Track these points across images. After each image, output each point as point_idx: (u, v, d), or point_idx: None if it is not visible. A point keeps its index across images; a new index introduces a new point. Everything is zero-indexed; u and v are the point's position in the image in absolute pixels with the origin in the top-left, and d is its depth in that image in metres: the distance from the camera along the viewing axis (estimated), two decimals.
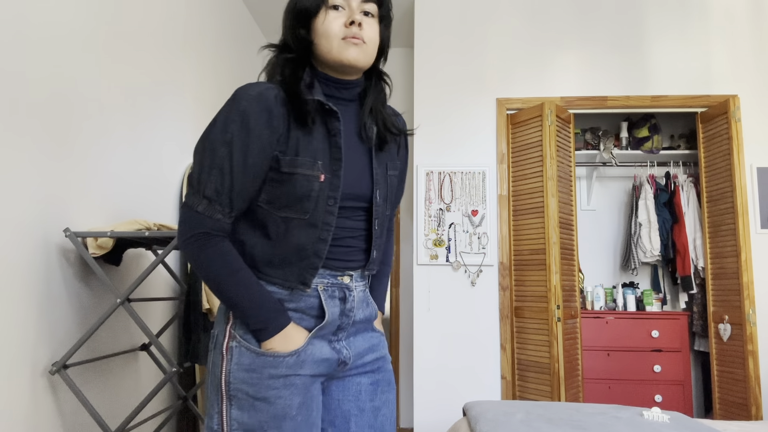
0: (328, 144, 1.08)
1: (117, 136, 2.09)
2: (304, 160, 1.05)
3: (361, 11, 1.09)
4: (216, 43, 3.14)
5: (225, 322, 1.07)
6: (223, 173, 1.01)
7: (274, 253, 1.06)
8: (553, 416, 1.93)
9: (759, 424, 2.10)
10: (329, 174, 1.07)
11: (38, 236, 1.65)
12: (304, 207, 1.05)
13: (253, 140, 1.02)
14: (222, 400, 1.05)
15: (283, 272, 1.06)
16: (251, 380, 1.03)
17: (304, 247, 1.06)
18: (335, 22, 1.07)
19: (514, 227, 3.32)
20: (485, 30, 3.51)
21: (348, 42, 1.07)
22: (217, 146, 1.02)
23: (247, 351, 1.04)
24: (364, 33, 1.08)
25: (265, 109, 1.02)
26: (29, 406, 1.61)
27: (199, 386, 2.40)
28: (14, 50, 1.56)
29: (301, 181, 1.04)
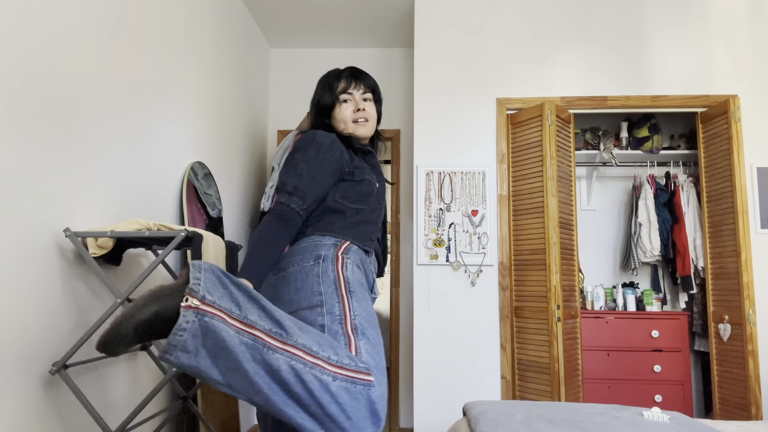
0: (370, 169, 1.74)
1: (117, 136, 2.09)
2: (366, 172, 1.69)
3: (362, 99, 1.75)
4: (216, 43, 3.14)
5: (334, 252, 1.52)
6: (301, 177, 1.55)
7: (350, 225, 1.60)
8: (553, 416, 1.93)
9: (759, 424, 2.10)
10: (377, 183, 1.72)
11: (38, 236, 1.65)
12: (370, 202, 1.67)
13: (323, 160, 1.59)
14: (342, 295, 1.44)
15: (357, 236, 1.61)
16: (359, 284, 1.50)
17: (368, 223, 1.65)
18: (347, 111, 1.74)
19: (514, 227, 3.32)
20: (485, 30, 3.51)
21: (357, 124, 1.74)
22: (299, 162, 1.58)
23: (353, 266, 1.53)
24: (367, 113, 1.74)
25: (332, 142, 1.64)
26: (29, 406, 1.61)
27: (199, 386, 2.40)
28: (14, 50, 1.56)
29: (368, 183, 1.68)
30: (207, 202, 2.92)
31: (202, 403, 2.59)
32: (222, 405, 2.86)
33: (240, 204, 3.57)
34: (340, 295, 1.42)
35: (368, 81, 1.77)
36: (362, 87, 1.74)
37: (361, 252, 1.60)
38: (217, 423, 2.73)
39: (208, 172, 2.95)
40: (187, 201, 2.67)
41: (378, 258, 1.78)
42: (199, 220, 2.82)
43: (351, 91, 1.73)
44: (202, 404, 2.59)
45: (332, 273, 1.46)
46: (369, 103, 1.74)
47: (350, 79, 1.74)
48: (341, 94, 1.73)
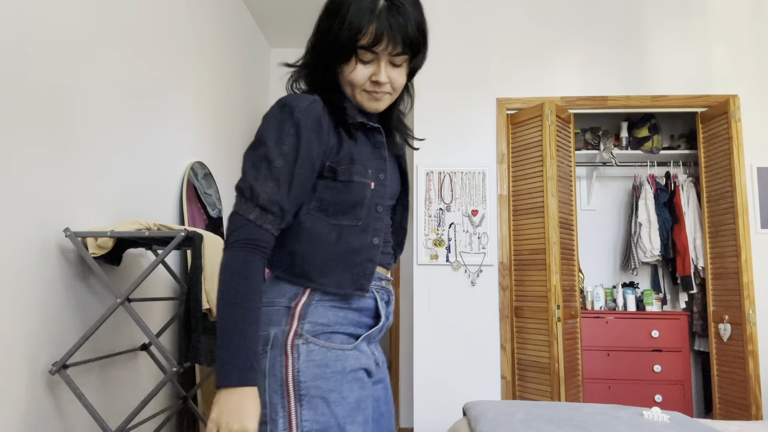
0: (372, 155, 1.13)
1: (117, 136, 2.09)
2: (358, 168, 1.08)
3: (391, 65, 1.09)
4: (217, 43, 3.14)
5: (287, 323, 1.04)
6: (279, 184, 1.02)
7: (328, 259, 1.06)
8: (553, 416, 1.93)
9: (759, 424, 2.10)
10: (377, 183, 1.11)
11: (38, 236, 1.65)
12: (358, 214, 1.08)
13: (306, 153, 1.04)
14: (289, 402, 1.01)
15: (335, 279, 1.06)
16: (325, 375, 1.02)
17: (358, 251, 1.08)
18: (362, 75, 1.08)
19: (514, 227, 3.32)
20: (485, 30, 3.51)
21: (373, 97, 1.11)
22: (275, 157, 1.02)
23: (317, 347, 1.03)
24: (388, 87, 1.10)
25: (316, 120, 1.05)
26: (29, 406, 1.61)
27: (199, 386, 2.40)
28: (15, 50, 1.56)
29: (357, 188, 1.08)
30: (207, 202, 2.92)
31: (202, 403, 2.59)
32: None
33: None
34: (286, 402, 1.01)
35: (409, 33, 1.06)
36: (399, 45, 1.06)
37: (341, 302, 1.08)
38: None
39: (208, 172, 2.95)
40: (187, 201, 2.67)
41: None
42: (199, 220, 2.82)
43: (377, 49, 1.05)
44: (202, 404, 2.59)
45: (279, 369, 1.02)
46: (398, 70, 1.10)
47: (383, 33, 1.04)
48: (363, 50, 1.05)
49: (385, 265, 1.18)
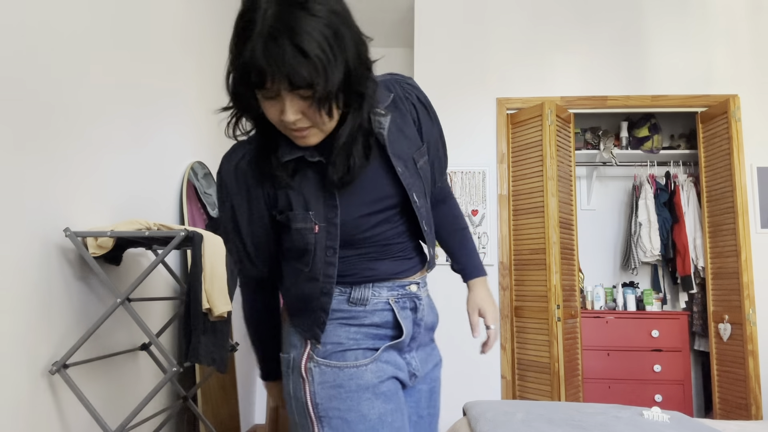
0: (320, 191, 1.00)
1: (117, 136, 2.09)
2: (295, 214, 1.00)
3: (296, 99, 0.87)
4: (217, 44, 3.14)
5: (302, 346, 1.06)
6: (235, 243, 1.08)
7: (292, 301, 1.10)
8: (553, 416, 1.93)
9: (759, 424, 2.10)
10: (324, 222, 1.00)
11: (38, 236, 1.65)
12: (305, 260, 1.03)
13: (242, 215, 1.05)
14: (312, 423, 1.03)
15: (300, 320, 1.08)
16: (340, 395, 1.01)
17: (310, 299, 1.05)
18: (273, 112, 0.90)
19: (514, 227, 3.32)
20: (485, 30, 3.51)
21: (295, 135, 0.93)
22: (224, 221, 1.08)
23: (328, 368, 1.03)
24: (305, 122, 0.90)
25: (243, 183, 1.03)
26: (29, 406, 1.61)
27: (199, 386, 2.40)
28: (15, 51, 1.56)
29: (296, 235, 1.01)
30: (207, 202, 2.92)
31: (202, 402, 2.59)
32: (222, 405, 2.86)
33: None
34: (310, 423, 1.04)
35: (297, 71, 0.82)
36: (285, 80, 0.83)
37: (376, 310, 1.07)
38: (217, 423, 2.73)
39: (208, 172, 2.95)
40: (187, 201, 2.67)
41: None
42: (199, 220, 2.82)
43: (269, 86, 0.86)
44: (202, 404, 2.59)
45: (300, 392, 1.05)
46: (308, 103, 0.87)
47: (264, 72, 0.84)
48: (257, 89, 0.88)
49: (401, 274, 1.10)
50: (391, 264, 1.08)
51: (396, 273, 1.09)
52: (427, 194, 1.13)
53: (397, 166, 1.04)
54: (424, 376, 1.17)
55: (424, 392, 1.16)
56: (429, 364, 1.17)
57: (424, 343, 1.16)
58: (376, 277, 1.06)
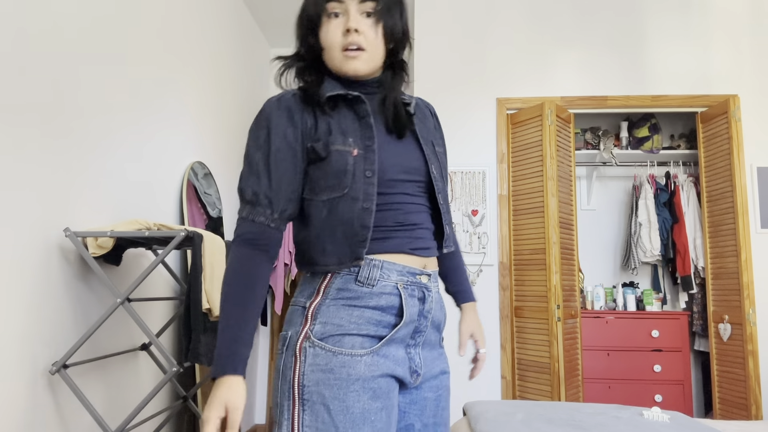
0: (358, 125, 1.10)
1: (117, 135, 2.09)
2: (336, 138, 1.07)
3: (361, 13, 1.08)
4: (217, 44, 3.14)
5: (301, 324, 1.05)
6: (259, 176, 1.05)
7: (324, 238, 1.06)
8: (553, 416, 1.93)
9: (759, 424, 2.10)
10: (362, 150, 1.07)
11: (38, 236, 1.65)
12: (343, 182, 1.05)
13: (280, 139, 1.06)
14: (294, 406, 1.00)
15: (336, 255, 1.05)
16: (328, 381, 0.99)
17: (350, 220, 1.04)
18: (335, 32, 1.09)
19: (514, 227, 3.32)
20: (485, 29, 3.51)
21: (347, 56, 1.08)
22: (252, 153, 1.07)
23: (323, 351, 1.00)
24: (362, 39, 1.08)
25: (285, 108, 1.08)
26: (29, 406, 1.61)
27: (199, 386, 2.40)
28: (15, 51, 1.56)
29: (336, 156, 1.06)
30: (207, 202, 2.92)
31: (202, 402, 2.59)
32: None
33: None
34: (292, 405, 1.01)
35: None
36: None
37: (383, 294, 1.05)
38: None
39: (208, 172, 2.95)
40: (187, 201, 2.67)
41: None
42: (199, 220, 2.82)
43: None
44: (202, 404, 2.59)
45: (289, 372, 1.02)
46: (369, 21, 1.09)
47: None
48: (328, 2, 1.09)
49: (417, 252, 1.10)
50: (405, 238, 1.09)
51: (411, 249, 1.09)
52: (444, 178, 1.20)
53: (423, 143, 1.16)
54: (431, 382, 1.14)
55: (430, 400, 1.13)
56: (435, 368, 1.15)
57: (430, 342, 1.14)
58: (389, 248, 1.07)
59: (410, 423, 1.11)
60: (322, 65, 1.14)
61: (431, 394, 1.14)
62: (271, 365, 3.93)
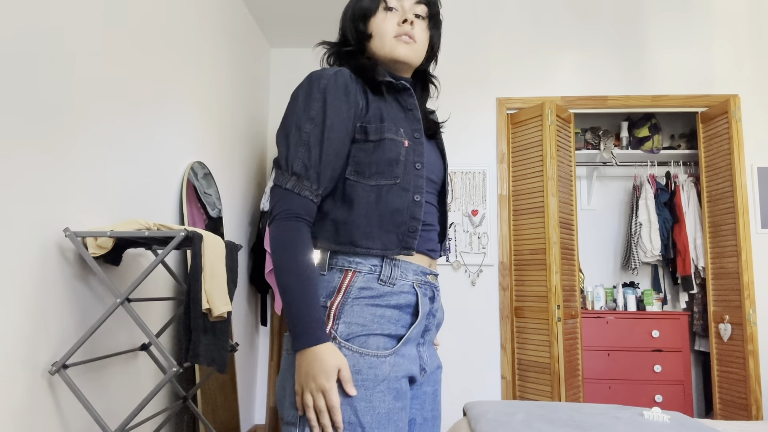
0: (404, 116, 1.14)
1: (117, 135, 2.09)
2: (389, 126, 1.09)
3: (412, 13, 1.18)
4: (217, 44, 3.14)
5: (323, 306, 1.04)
6: (310, 148, 1.04)
7: (370, 222, 1.06)
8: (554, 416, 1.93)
9: (759, 424, 2.09)
10: (412, 141, 1.11)
11: (38, 236, 1.65)
12: (395, 171, 1.07)
13: (335, 114, 1.05)
14: None
15: (381, 241, 1.06)
16: (356, 381, 0.98)
17: (400, 210, 1.07)
18: (389, 22, 1.16)
19: (514, 227, 3.32)
20: (485, 29, 3.51)
21: (399, 40, 1.15)
22: (303, 123, 1.05)
23: (350, 351, 1.00)
24: (415, 32, 1.17)
25: (343, 84, 1.08)
26: (29, 406, 1.61)
27: (199, 386, 2.40)
28: (15, 51, 1.56)
29: (389, 145, 1.07)
30: (207, 202, 2.92)
31: (202, 403, 2.59)
32: (222, 405, 2.86)
33: (240, 204, 3.57)
34: None
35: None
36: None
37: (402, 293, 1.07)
38: (217, 423, 2.73)
39: (208, 172, 2.95)
40: (187, 201, 2.67)
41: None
42: (199, 220, 2.82)
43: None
44: (202, 404, 2.59)
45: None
46: (420, 21, 1.20)
47: None
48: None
49: (429, 253, 1.14)
50: (425, 239, 1.13)
51: (427, 249, 1.14)
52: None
53: (443, 149, 1.26)
54: (430, 377, 1.16)
55: (428, 395, 1.16)
56: (433, 364, 1.17)
57: (430, 340, 1.17)
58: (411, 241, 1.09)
59: (412, 418, 1.12)
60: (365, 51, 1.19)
61: (430, 389, 1.16)
62: (271, 365, 3.93)
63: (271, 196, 1.05)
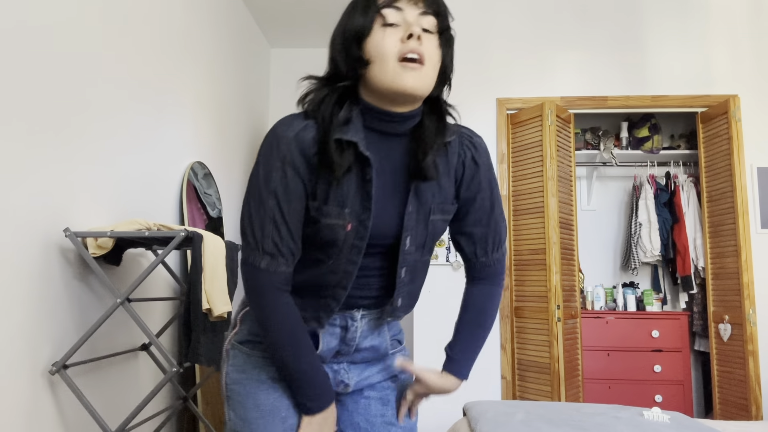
0: (360, 190, 1.00)
1: (117, 135, 2.09)
2: (330, 210, 0.98)
3: (419, 26, 0.96)
4: (217, 43, 3.14)
5: (231, 328, 1.13)
6: (277, 225, 0.97)
7: (299, 283, 1.04)
8: (553, 416, 1.93)
9: (759, 424, 2.10)
10: (356, 222, 1.00)
11: (38, 236, 1.65)
12: (329, 252, 1.01)
13: (294, 187, 0.97)
14: (224, 403, 1.10)
15: (302, 303, 1.04)
16: (241, 381, 1.06)
17: (324, 288, 1.03)
18: (390, 39, 0.95)
19: (515, 227, 3.32)
20: (485, 30, 3.51)
21: (405, 67, 0.94)
22: (265, 198, 0.97)
23: (240, 353, 1.08)
24: (423, 49, 0.95)
25: (301, 154, 0.97)
26: (29, 406, 1.61)
27: (199, 386, 2.40)
28: (16, 50, 1.56)
29: (325, 230, 0.99)
30: (207, 202, 2.92)
31: (202, 403, 2.59)
32: (222, 405, 2.86)
33: (240, 204, 3.57)
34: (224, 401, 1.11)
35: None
36: (422, 3, 0.98)
37: None
38: (217, 423, 2.74)
39: (208, 172, 2.96)
40: (187, 201, 2.67)
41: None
42: (199, 220, 2.82)
43: (401, 4, 0.97)
44: (202, 404, 2.59)
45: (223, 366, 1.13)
46: (429, 36, 0.97)
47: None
48: (384, 7, 0.96)
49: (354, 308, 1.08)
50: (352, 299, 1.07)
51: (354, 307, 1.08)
52: (427, 247, 1.10)
53: (409, 202, 1.03)
54: (371, 389, 1.15)
55: (373, 399, 1.15)
56: (376, 376, 1.15)
57: (362, 359, 1.13)
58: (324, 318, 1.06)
59: (356, 422, 1.14)
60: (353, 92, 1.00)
61: (375, 394, 1.15)
62: None
63: (243, 272, 1.01)
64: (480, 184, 1.11)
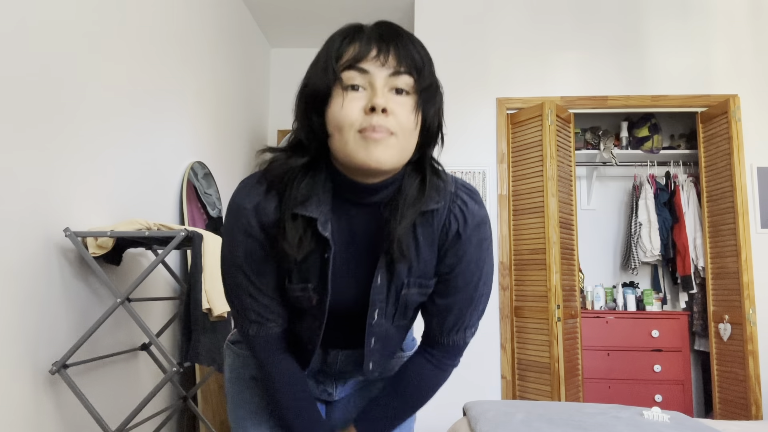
0: (319, 265, 0.92)
1: (117, 136, 2.09)
2: (293, 287, 0.94)
3: (390, 89, 0.82)
4: (216, 43, 3.14)
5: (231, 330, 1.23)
6: (254, 297, 0.94)
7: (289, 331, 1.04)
8: (553, 416, 1.93)
9: (759, 424, 2.10)
10: (318, 296, 0.94)
11: (38, 236, 1.65)
12: (298, 314, 0.99)
13: (262, 257, 0.92)
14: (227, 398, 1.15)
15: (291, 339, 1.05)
16: (231, 379, 1.13)
17: (300, 338, 1.01)
18: (352, 107, 0.81)
19: (514, 227, 3.32)
20: (485, 30, 3.51)
21: (367, 138, 0.80)
22: (234, 272, 0.94)
23: (232, 353, 1.14)
24: (391, 121, 0.81)
25: (260, 227, 0.90)
26: (29, 406, 1.61)
27: (199, 386, 2.40)
28: (16, 50, 1.56)
29: (293, 300, 0.96)
30: (207, 201, 2.92)
31: (202, 402, 2.59)
32: (222, 405, 2.86)
33: None
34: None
35: (407, 50, 0.84)
36: (393, 60, 0.82)
37: None
38: (217, 423, 2.74)
39: (208, 172, 2.96)
40: (187, 201, 2.67)
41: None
42: (199, 219, 2.82)
43: (367, 65, 0.82)
44: (202, 404, 2.59)
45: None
46: (403, 98, 0.83)
47: (372, 42, 0.83)
48: (346, 70, 0.83)
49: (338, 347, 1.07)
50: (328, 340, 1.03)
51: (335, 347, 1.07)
52: (397, 318, 1.02)
53: (378, 276, 0.93)
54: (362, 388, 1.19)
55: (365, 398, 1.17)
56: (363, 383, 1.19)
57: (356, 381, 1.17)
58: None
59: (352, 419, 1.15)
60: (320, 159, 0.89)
61: (366, 393, 1.18)
62: None
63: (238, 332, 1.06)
64: (460, 258, 0.96)
